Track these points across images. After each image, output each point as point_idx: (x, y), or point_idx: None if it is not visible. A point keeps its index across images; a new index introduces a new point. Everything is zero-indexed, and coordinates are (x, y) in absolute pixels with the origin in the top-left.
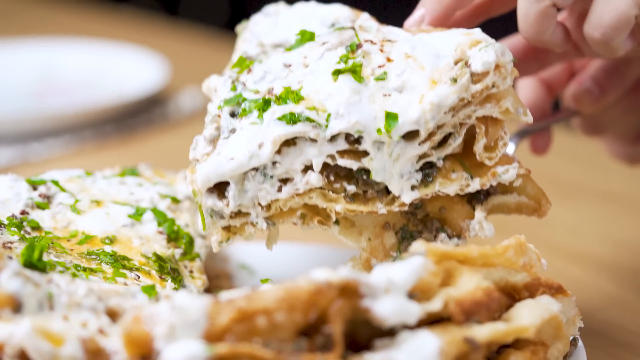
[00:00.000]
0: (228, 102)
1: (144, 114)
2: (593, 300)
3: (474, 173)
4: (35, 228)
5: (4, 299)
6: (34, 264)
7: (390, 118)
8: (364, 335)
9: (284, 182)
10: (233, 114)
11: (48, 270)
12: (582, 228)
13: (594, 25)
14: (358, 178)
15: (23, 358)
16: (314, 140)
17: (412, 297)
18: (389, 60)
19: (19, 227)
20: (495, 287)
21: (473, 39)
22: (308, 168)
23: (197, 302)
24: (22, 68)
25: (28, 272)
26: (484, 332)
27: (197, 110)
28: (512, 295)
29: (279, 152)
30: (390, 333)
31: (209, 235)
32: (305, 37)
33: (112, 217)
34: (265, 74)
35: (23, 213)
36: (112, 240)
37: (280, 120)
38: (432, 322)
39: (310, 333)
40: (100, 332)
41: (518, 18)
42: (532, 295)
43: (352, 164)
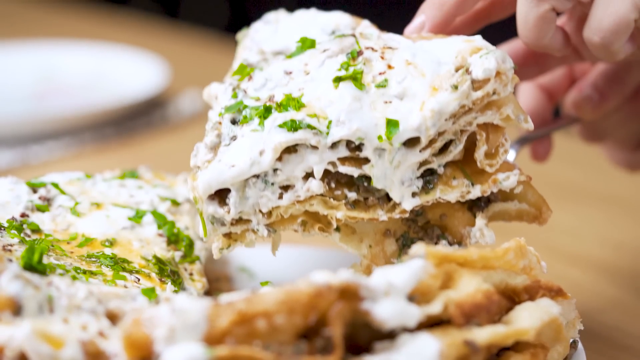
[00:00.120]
0: (229, 109)
1: (144, 117)
2: (593, 303)
3: (475, 180)
4: (35, 231)
5: (4, 302)
6: (34, 267)
7: (391, 125)
8: (364, 338)
9: (285, 189)
10: (234, 121)
11: (48, 273)
12: (581, 231)
13: (594, 29)
14: (359, 185)
15: None
16: (315, 148)
17: (412, 299)
18: (390, 67)
19: (19, 229)
20: (495, 289)
21: (474, 46)
22: (309, 175)
23: (197, 304)
24: (22, 70)
25: (28, 274)
26: (484, 334)
27: (197, 113)
28: (512, 298)
29: (280, 159)
30: (390, 336)
31: (210, 242)
32: (306, 44)
33: (112, 219)
34: (266, 81)
35: (23, 215)
36: (112, 243)
37: (281, 128)
38: (432, 324)
39: (310, 336)
40: (100, 334)
41: (517, 23)
42: (532, 298)
43: (353, 171)
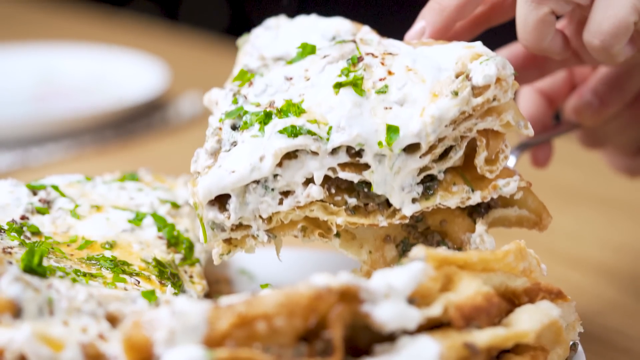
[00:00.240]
0: (229, 115)
1: (144, 119)
2: (593, 306)
3: (475, 186)
4: (35, 233)
5: (4, 304)
6: (34, 269)
7: (392, 131)
8: (364, 341)
9: (285, 194)
10: (234, 127)
11: (48, 276)
12: (581, 233)
13: (593, 33)
14: (359, 191)
15: None
16: (315, 153)
17: (412, 302)
18: (390, 74)
19: (19, 232)
20: (495, 292)
21: (474, 52)
22: (309, 181)
23: (197, 307)
24: (22, 73)
25: (28, 277)
26: (484, 337)
27: (197, 115)
28: (512, 301)
29: (280, 165)
30: (390, 338)
31: (210, 246)
32: (307, 50)
33: (112, 222)
34: (267, 87)
35: (23, 218)
36: (112, 245)
37: (282, 133)
38: (432, 327)
39: (310, 338)
40: (100, 337)
41: (517, 26)
42: (532, 301)
43: (353, 177)
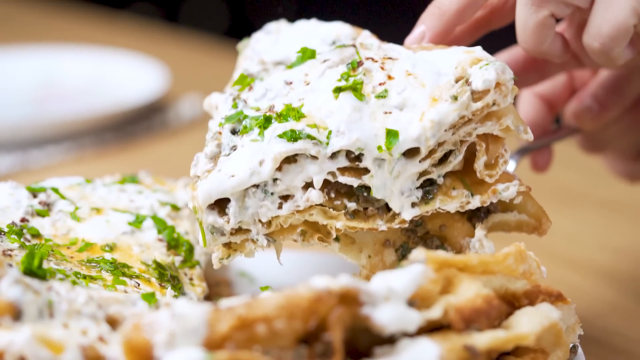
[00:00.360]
0: (229, 119)
1: (144, 121)
2: (593, 308)
3: (475, 190)
4: (35, 235)
5: (4, 307)
6: (34, 272)
7: (391, 135)
8: (364, 343)
9: (285, 199)
10: (234, 131)
11: (48, 278)
12: (581, 236)
13: (593, 36)
14: (358, 195)
15: None
16: (315, 158)
17: (412, 304)
18: (390, 78)
19: (19, 234)
20: (495, 294)
21: (474, 57)
22: (309, 185)
23: (197, 309)
24: (22, 75)
25: (28, 279)
26: (484, 339)
27: (197, 118)
28: (511, 303)
29: (280, 169)
30: (390, 341)
31: (210, 250)
32: (307, 54)
33: (112, 224)
34: (266, 92)
35: (23, 220)
36: (112, 248)
37: (281, 138)
38: (432, 329)
39: (310, 341)
40: (100, 339)
41: (517, 29)
42: (532, 303)
43: (352, 181)
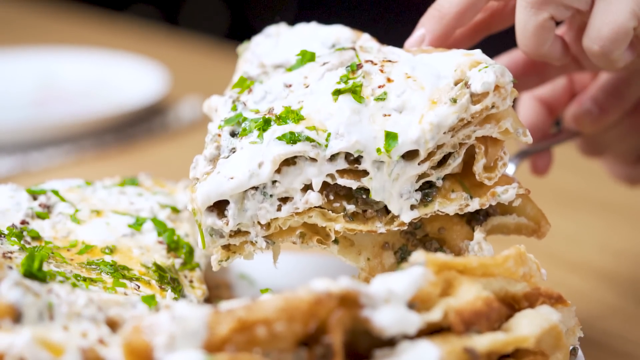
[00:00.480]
0: (228, 121)
1: (144, 124)
2: (593, 310)
3: (474, 193)
4: (35, 238)
5: (4, 309)
6: (34, 274)
7: (390, 138)
8: (364, 346)
9: (284, 201)
10: (233, 134)
11: (48, 280)
12: (581, 238)
13: (593, 38)
14: (357, 197)
15: None
16: (314, 160)
17: (412, 307)
18: (389, 81)
19: (19, 237)
20: (495, 297)
21: (473, 60)
22: (308, 187)
23: (197, 312)
24: (22, 77)
25: (28, 282)
26: (484, 342)
27: (197, 120)
28: (511, 305)
29: (279, 171)
30: (390, 343)
31: (210, 252)
32: (306, 57)
33: (112, 226)
34: (266, 94)
35: (23, 223)
36: (112, 250)
37: (280, 140)
38: (432, 332)
39: (310, 343)
40: (100, 342)
41: (517, 32)
42: (531, 305)
43: (351, 184)
